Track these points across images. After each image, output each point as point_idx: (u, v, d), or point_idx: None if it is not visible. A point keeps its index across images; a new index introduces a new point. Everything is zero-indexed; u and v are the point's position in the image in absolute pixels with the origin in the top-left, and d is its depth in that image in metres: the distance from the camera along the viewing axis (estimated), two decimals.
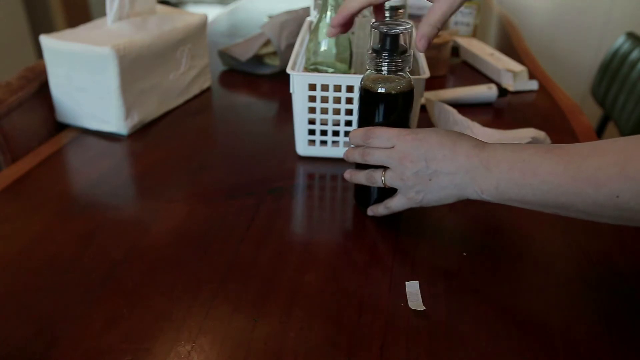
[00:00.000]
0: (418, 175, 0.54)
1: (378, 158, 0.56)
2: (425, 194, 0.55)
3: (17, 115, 0.81)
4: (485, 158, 0.50)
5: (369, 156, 0.57)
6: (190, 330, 0.48)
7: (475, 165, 0.51)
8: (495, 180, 0.50)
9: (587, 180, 0.44)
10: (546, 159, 0.47)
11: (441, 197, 0.54)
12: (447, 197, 0.54)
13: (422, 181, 0.54)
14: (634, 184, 0.42)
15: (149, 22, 0.88)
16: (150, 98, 0.87)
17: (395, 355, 0.46)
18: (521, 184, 0.48)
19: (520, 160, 0.48)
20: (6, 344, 0.46)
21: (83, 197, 0.69)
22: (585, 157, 0.45)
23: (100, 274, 0.55)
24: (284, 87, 0.88)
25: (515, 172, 0.48)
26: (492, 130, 0.78)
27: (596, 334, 0.48)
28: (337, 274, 0.55)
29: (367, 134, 0.57)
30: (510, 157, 0.49)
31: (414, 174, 0.54)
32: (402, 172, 0.55)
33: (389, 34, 0.56)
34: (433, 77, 0.83)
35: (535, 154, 0.48)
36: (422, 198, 0.55)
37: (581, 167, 0.45)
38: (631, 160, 0.42)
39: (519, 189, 0.48)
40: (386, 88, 0.58)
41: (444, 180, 0.53)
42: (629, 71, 1.35)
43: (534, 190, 0.47)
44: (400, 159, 0.54)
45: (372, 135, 0.57)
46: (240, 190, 0.70)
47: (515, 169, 0.48)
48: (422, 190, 0.55)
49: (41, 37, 0.82)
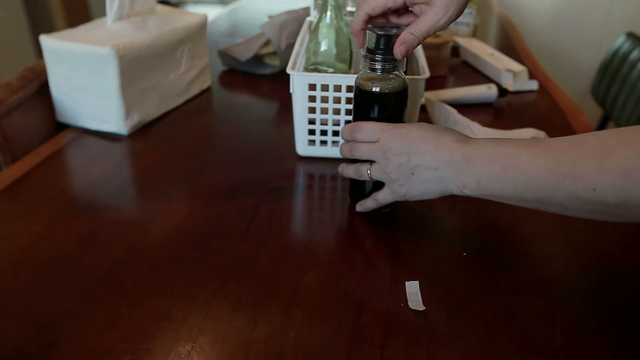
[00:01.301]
0: (401, 168, 0.54)
1: (363, 152, 0.58)
2: (409, 188, 0.55)
3: (17, 115, 0.81)
4: (468, 152, 0.51)
5: (355, 151, 0.58)
6: (190, 330, 0.48)
7: (457, 159, 0.51)
8: (476, 174, 0.50)
9: (565, 173, 0.44)
10: (526, 152, 0.47)
11: (424, 192, 0.55)
12: (430, 192, 0.54)
13: (405, 175, 0.54)
14: (610, 176, 0.41)
15: (149, 22, 0.88)
16: (150, 98, 0.87)
17: (395, 355, 0.46)
18: (502, 177, 0.48)
19: (501, 154, 0.48)
20: (6, 344, 0.46)
21: (83, 197, 0.69)
22: (564, 150, 0.45)
23: (100, 274, 0.55)
24: (284, 87, 0.88)
25: (496, 165, 0.48)
26: (492, 131, 0.78)
27: (597, 334, 0.48)
28: (337, 274, 0.55)
29: (353, 129, 0.58)
30: (491, 151, 0.49)
31: (396, 167, 0.54)
32: (386, 166, 0.55)
33: (383, 34, 0.56)
34: (433, 77, 0.83)
35: (515, 147, 0.48)
36: (405, 191, 0.56)
37: (560, 160, 0.45)
38: (610, 154, 0.42)
39: (499, 182, 0.48)
40: (380, 87, 0.58)
41: (426, 174, 0.53)
42: (629, 71, 1.35)
43: (515, 184, 0.47)
44: (384, 152, 0.55)
45: (358, 130, 0.58)
46: (240, 190, 0.70)
47: (496, 162, 0.48)
48: (404, 184, 0.55)
49: (41, 37, 0.82)
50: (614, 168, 0.41)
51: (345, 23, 0.76)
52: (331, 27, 0.75)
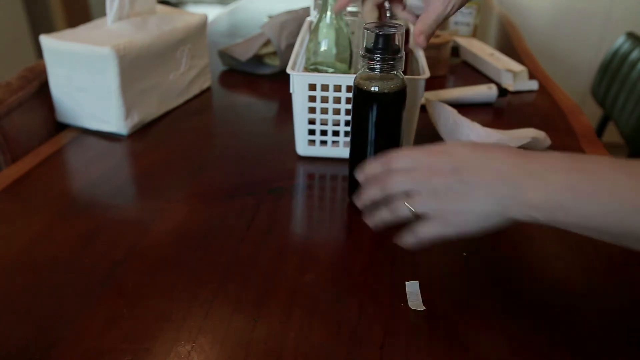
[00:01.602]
0: (451, 191, 0.44)
1: (401, 183, 0.47)
2: (461, 215, 0.44)
3: (17, 115, 0.81)
4: (531, 164, 0.42)
5: (391, 184, 0.47)
6: (190, 330, 0.48)
7: (519, 171, 0.42)
8: (547, 189, 0.40)
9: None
10: (608, 168, 0.39)
11: (481, 217, 0.43)
12: (489, 216, 0.43)
13: (456, 198, 0.44)
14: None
15: (149, 22, 0.88)
16: (150, 98, 0.87)
17: (395, 355, 0.46)
18: (580, 195, 0.39)
19: (578, 169, 0.40)
20: (6, 344, 0.46)
21: (83, 197, 0.69)
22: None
23: (100, 274, 0.55)
24: (284, 87, 0.88)
25: (572, 179, 0.39)
26: (492, 130, 0.78)
27: (597, 333, 0.48)
28: (337, 274, 0.55)
29: (387, 159, 0.49)
30: (564, 163, 0.41)
31: (445, 189, 0.44)
32: (433, 192, 0.45)
33: (381, 34, 0.56)
34: (433, 77, 0.83)
35: (593, 161, 0.40)
36: (458, 221, 0.44)
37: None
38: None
39: (575, 202, 0.39)
40: (379, 87, 0.58)
41: (480, 193, 0.43)
42: (629, 71, 1.35)
43: (598, 205, 0.38)
44: (427, 177, 0.45)
45: (394, 158, 0.48)
46: (240, 190, 0.70)
47: (572, 176, 0.40)
48: (458, 211, 0.44)
49: (41, 37, 0.82)
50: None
51: (345, 23, 0.76)
52: (331, 27, 0.75)
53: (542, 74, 1.13)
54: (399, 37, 0.57)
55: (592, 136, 0.86)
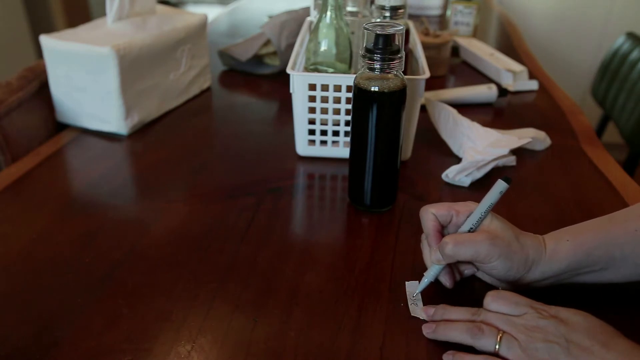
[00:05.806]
0: (551, 351, 0.42)
1: (498, 324, 0.45)
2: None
3: (17, 115, 0.81)
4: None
5: (488, 324, 0.45)
6: (190, 330, 0.48)
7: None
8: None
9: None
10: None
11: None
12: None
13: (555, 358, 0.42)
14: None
15: (149, 22, 0.88)
16: (150, 98, 0.87)
17: (395, 355, 0.46)
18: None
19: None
20: (6, 344, 0.46)
21: (83, 197, 0.69)
22: None
23: (100, 274, 0.55)
24: (284, 87, 0.88)
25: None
26: (492, 131, 0.78)
27: None
28: (337, 274, 0.55)
29: (492, 298, 0.47)
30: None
31: (544, 348, 0.42)
32: (529, 343, 0.42)
33: (381, 34, 0.56)
34: (433, 77, 0.83)
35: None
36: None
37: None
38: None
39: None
40: (379, 87, 0.58)
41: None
42: (629, 71, 1.35)
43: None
44: (529, 328, 0.43)
45: (495, 298, 0.47)
46: (240, 190, 0.70)
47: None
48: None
49: (41, 37, 0.82)
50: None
51: (345, 23, 0.76)
52: (331, 27, 0.75)
53: (542, 74, 1.13)
54: (399, 37, 0.57)
55: (592, 136, 0.86)
